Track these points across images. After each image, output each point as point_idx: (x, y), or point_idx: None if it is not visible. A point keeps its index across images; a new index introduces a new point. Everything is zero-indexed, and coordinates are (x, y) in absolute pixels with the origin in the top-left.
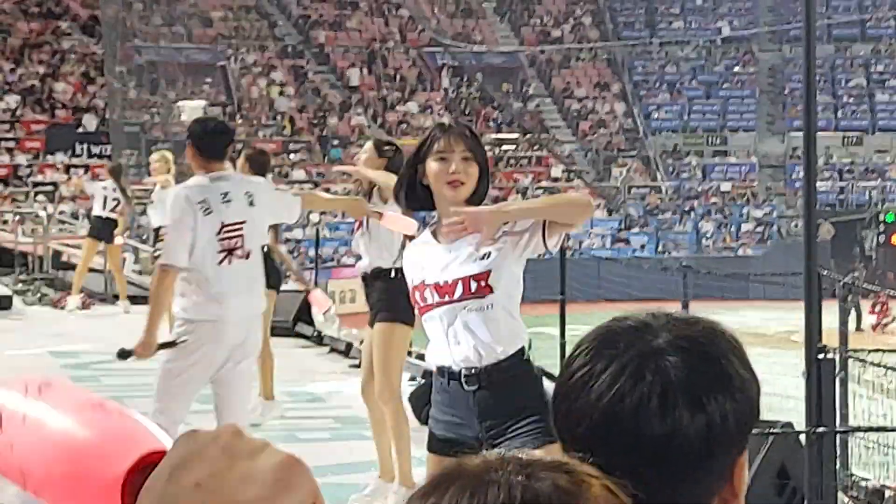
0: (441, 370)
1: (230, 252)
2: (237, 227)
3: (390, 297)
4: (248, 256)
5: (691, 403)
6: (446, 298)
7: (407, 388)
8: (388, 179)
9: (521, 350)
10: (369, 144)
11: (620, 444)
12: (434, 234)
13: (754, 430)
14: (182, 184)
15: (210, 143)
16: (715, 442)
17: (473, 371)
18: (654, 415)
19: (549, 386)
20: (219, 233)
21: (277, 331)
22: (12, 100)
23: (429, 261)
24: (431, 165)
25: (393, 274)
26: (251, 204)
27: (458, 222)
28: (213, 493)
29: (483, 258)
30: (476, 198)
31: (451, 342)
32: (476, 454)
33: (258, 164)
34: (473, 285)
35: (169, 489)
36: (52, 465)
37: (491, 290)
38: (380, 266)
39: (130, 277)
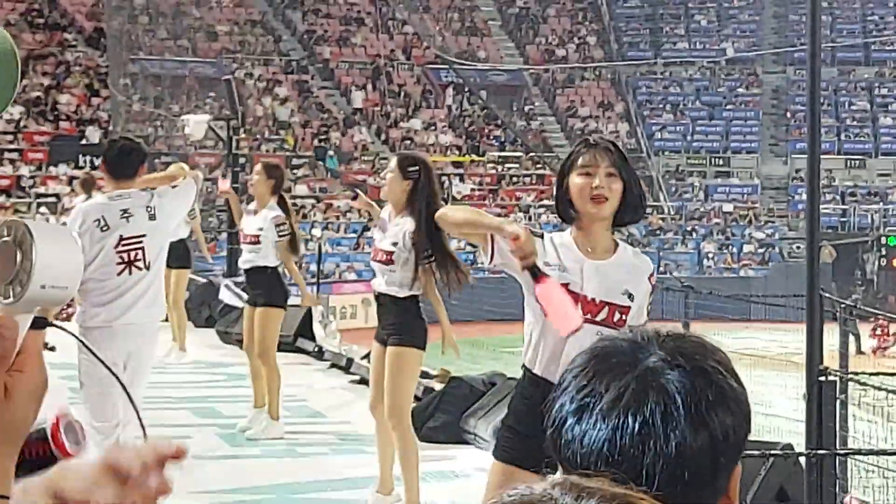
0: (544, 382)
1: (130, 263)
2: (136, 240)
3: (405, 320)
4: (148, 267)
5: (694, 421)
6: (588, 316)
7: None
8: (376, 212)
9: None
10: (394, 164)
11: (626, 464)
12: (576, 242)
13: (754, 452)
14: (85, 202)
15: (118, 164)
16: (719, 457)
17: None
18: (658, 434)
19: None
20: (116, 246)
21: (278, 345)
22: (16, 111)
23: (573, 268)
24: (575, 181)
25: (410, 298)
26: (152, 218)
27: (518, 252)
28: None
29: (629, 297)
30: (622, 214)
31: (567, 357)
32: (542, 474)
33: (275, 178)
34: (617, 316)
35: None
36: None
37: (624, 326)
38: (395, 296)
39: None
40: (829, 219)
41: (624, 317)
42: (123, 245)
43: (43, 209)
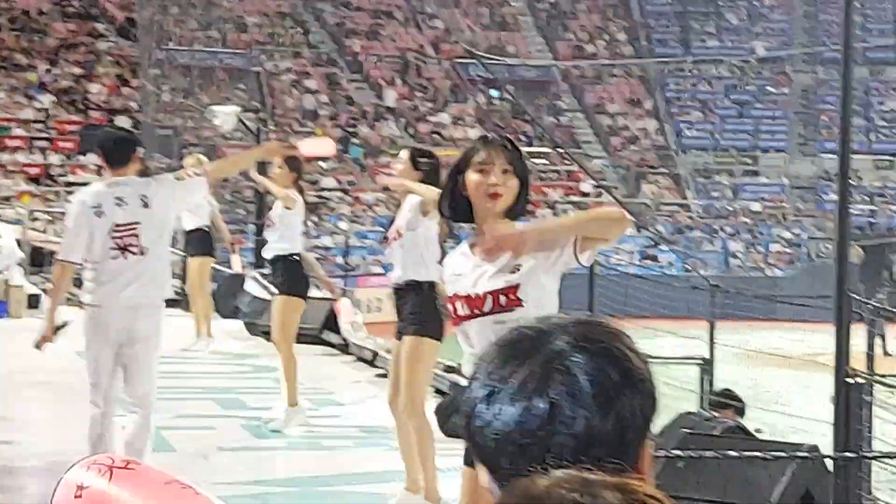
0: None
1: (124, 249)
2: (130, 227)
3: (421, 310)
4: (143, 253)
5: (602, 403)
6: (476, 311)
7: (432, 400)
8: (429, 192)
9: None
10: (405, 155)
11: (535, 447)
12: (472, 246)
13: (781, 453)
14: (82, 189)
15: (114, 152)
16: (627, 438)
17: None
18: (566, 418)
19: None
20: (110, 232)
21: (304, 338)
22: (46, 100)
23: (464, 272)
24: (471, 177)
25: (426, 287)
26: (145, 206)
27: (493, 245)
28: None
29: (512, 272)
30: (515, 211)
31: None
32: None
33: (297, 170)
34: (503, 299)
35: None
36: None
37: (520, 304)
38: (413, 279)
39: None
40: (857, 219)
41: (511, 295)
42: (117, 231)
43: (71, 198)
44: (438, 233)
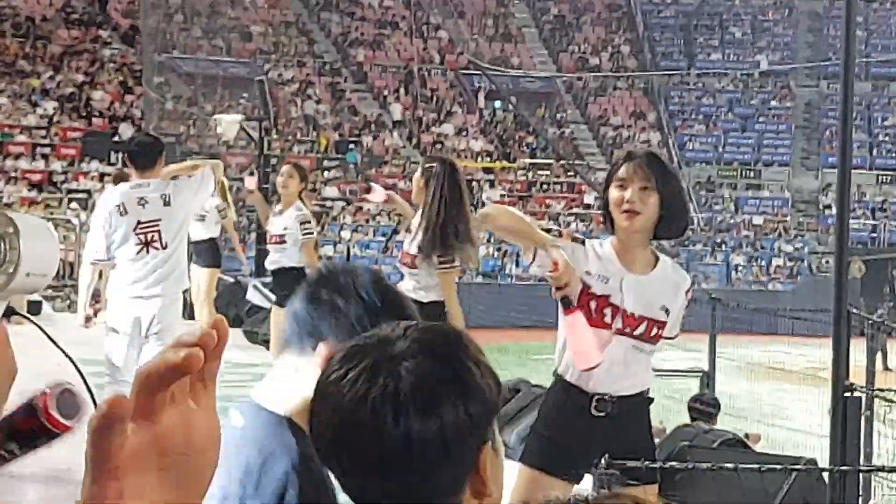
0: (575, 390)
1: (147, 244)
2: (152, 224)
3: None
4: (165, 247)
5: (423, 407)
6: (627, 330)
7: None
8: (409, 213)
9: (647, 391)
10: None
11: (361, 447)
12: (616, 254)
13: (777, 466)
14: (108, 190)
15: (139, 156)
16: (450, 443)
17: (607, 398)
18: (388, 418)
19: None
20: (135, 229)
21: None
22: (50, 106)
23: (614, 280)
24: (611, 193)
25: (429, 307)
26: (166, 204)
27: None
28: None
29: (666, 312)
30: (661, 230)
31: (603, 368)
32: (570, 480)
33: (305, 178)
34: (654, 330)
35: None
36: None
37: (658, 341)
38: (420, 301)
39: None
40: (859, 234)
41: (660, 332)
42: (141, 228)
43: (74, 205)
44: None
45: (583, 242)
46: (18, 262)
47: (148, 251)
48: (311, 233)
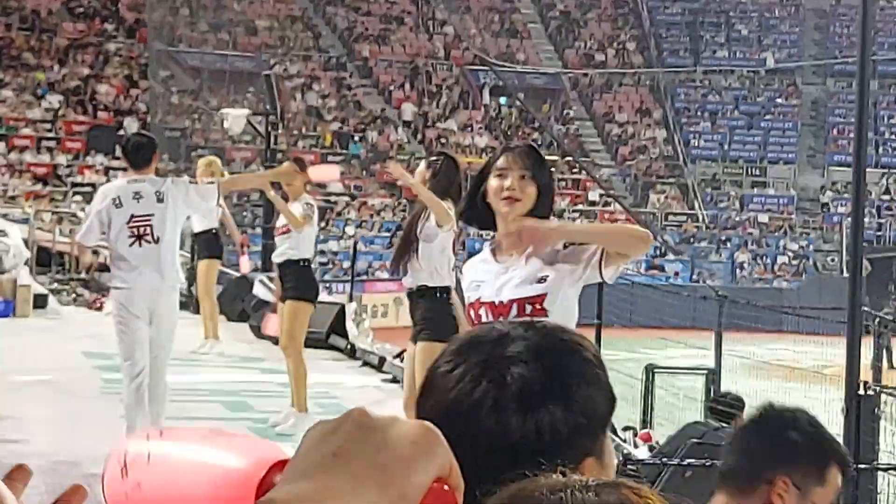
0: None
1: (139, 237)
2: (145, 218)
3: (435, 315)
4: (157, 241)
5: (521, 410)
6: (500, 319)
7: None
8: (434, 203)
9: None
10: (423, 164)
11: (459, 441)
12: (493, 252)
13: None
14: (107, 183)
15: (134, 154)
16: (545, 447)
17: None
18: (486, 415)
19: None
20: (128, 222)
21: (311, 342)
22: (55, 99)
23: (485, 279)
24: (491, 182)
25: (438, 293)
26: (160, 200)
27: (516, 233)
28: (351, 460)
29: (539, 282)
30: (534, 216)
31: None
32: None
33: (301, 167)
34: (528, 308)
35: (308, 460)
36: (185, 488)
37: (545, 314)
38: (426, 284)
39: None
40: (865, 232)
41: (538, 305)
42: (134, 221)
43: (78, 198)
44: (453, 241)
45: (462, 265)
46: None
47: (140, 244)
48: (311, 215)
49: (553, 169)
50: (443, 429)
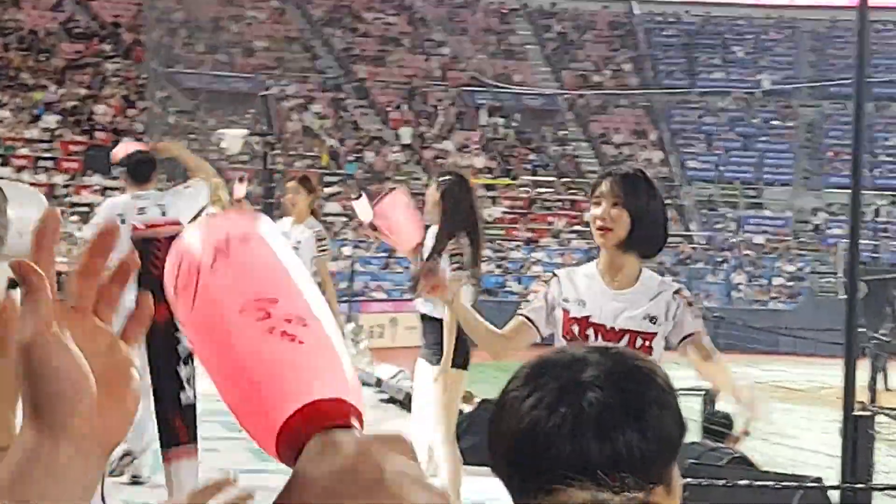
0: None
1: (123, 258)
2: None
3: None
4: None
5: (599, 436)
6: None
7: None
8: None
9: None
10: (433, 183)
11: (535, 465)
12: (600, 273)
13: (784, 484)
14: (112, 197)
15: (135, 171)
16: (621, 472)
17: None
18: (565, 441)
19: None
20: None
21: None
22: (52, 119)
23: (594, 299)
24: (591, 209)
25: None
26: (163, 214)
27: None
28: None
29: (651, 321)
30: (632, 245)
31: None
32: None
33: (313, 192)
34: (639, 342)
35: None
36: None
37: (651, 353)
38: (432, 316)
39: None
40: (861, 254)
41: (648, 342)
42: None
43: (75, 218)
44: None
45: (553, 276)
46: (7, 224)
47: None
48: (327, 249)
49: (653, 196)
50: (518, 454)
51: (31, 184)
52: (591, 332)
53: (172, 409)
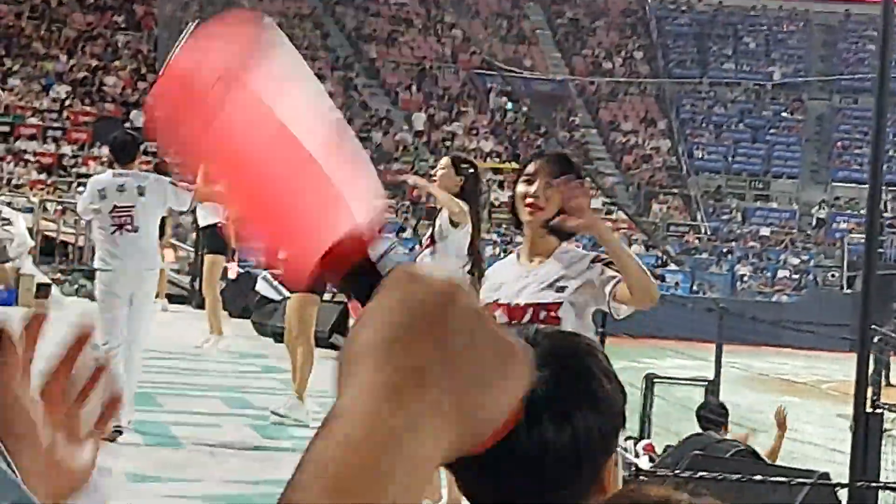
0: None
1: (120, 227)
2: (127, 209)
3: None
4: (136, 230)
5: (557, 417)
6: (513, 322)
7: None
8: (451, 202)
9: None
10: (446, 160)
11: (492, 458)
12: (518, 255)
13: (791, 480)
14: (97, 175)
15: (119, 150)
16: (582, 453)
17: None
18: (521, 429)
19: None
20: (111, 212)
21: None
22: (62, 90)
23: (507, 280)
24: (518, 187)
25: None
26: (140, 194)
27: (574, 195)
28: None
29: (558, 290)
30: (558, 224)
31: None
32: None
33: None
34: (542, 314)
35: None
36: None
37: (558, 322)
38: None
39: (170, 276)
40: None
41: (553, 313)
42: (116, 211)
43: (83, 189)
44: (470, 242)
45: (481, 276)
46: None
47: (122, 232)
48: None
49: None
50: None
51: (39, 153)
52: (498, 312)
53: None
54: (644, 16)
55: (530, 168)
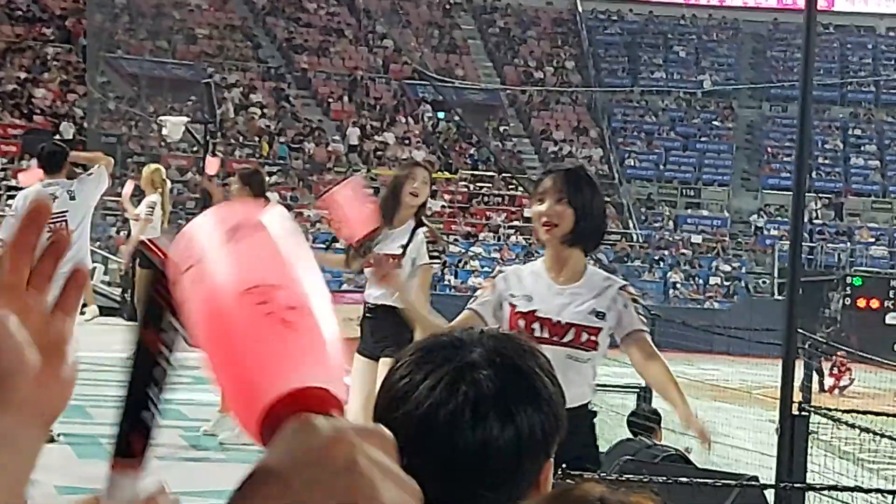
0: None
1: (55, 232)
2: (60, 215)
3: (401, 331)
4: (72, 233)
5: (502, 415)
6: (555, 338)
7: None
8: (421, 319)
9: (588, 403)
10: (427, 175)
11: (435, 453)
12: (544, 269)
13: (719, 482)
14: (25, 190)
15: (48, 160)
16: (524, 451)
17: None
18: (466, 426)
19: None
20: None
21: None
22: None
23: (538, 293)
24: (534, 206)
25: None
26: (72, 198)
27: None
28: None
29: (598, 316)
30: (575, 239)
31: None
32: None
33: (256, 184)
34: (584, 336)
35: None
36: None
37: (595, 348)
38: (392, 306)
39: (100, 288)
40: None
41: (593, 337)
42: (51, 219)
43: (12, 202)
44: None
45: (497, 275)
46: None
47: None
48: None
49: (599, 194)
50: (416, 439)
51: None
52: (536, 325)
53: (130, 422)
54: (575, 25)
55: (542, 186)
